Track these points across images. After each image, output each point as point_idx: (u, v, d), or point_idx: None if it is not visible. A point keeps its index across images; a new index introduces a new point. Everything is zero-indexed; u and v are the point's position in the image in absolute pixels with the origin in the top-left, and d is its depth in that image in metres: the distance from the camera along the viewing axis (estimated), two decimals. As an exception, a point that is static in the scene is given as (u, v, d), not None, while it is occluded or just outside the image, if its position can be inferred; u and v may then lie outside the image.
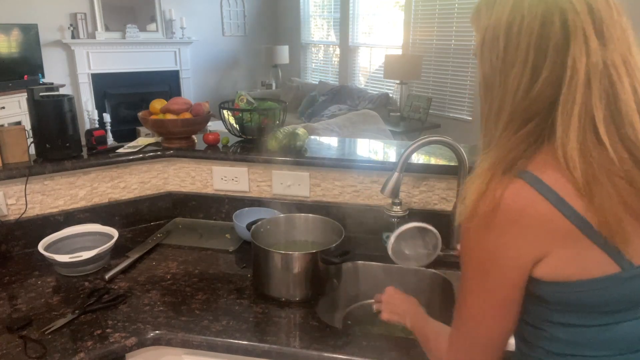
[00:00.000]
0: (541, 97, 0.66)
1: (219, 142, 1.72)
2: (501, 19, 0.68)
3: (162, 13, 6.22)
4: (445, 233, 1.45)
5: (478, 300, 0.70)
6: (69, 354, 1.01)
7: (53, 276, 1.33)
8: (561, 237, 0.64)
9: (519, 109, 0.67)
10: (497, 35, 0.68)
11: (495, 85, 0.70)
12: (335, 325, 1.31)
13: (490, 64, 0.70)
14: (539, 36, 0.65)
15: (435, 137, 1.34)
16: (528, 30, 0.65)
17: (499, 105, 0.69)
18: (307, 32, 6.96)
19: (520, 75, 0.66)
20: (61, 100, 1.48)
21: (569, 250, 0.64)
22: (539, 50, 0.65)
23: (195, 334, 1.09)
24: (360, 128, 3.42)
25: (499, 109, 0.69)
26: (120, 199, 1.63)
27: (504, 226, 0.65)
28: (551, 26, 0.64)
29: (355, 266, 1.44)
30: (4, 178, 1.41)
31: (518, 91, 0.67)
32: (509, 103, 0.68)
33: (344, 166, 1.55)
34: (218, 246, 1.52)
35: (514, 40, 0.67)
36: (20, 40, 5.12)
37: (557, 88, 0.65)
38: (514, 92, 0.67)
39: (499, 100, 0.69)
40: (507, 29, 0.67)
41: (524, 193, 0.64)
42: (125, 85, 6.19)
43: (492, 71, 0.70)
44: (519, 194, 0.64)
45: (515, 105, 0.67)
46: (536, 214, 0.64)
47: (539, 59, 0.65)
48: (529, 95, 0.66)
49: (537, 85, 0.65)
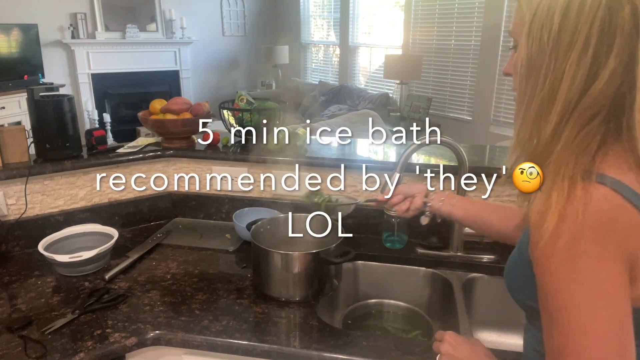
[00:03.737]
0: (606, 92, 0.59)
1: (219, 142, 1.72)
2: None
3: (162, 13, 6.21)
4: (445, 233, 1.45)
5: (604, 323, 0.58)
6: (69, 354, 1.01)
7: (53, 276, 1.33)
8: None
9: (580, 105, 0.60)
10: (552, 13, 0.61)
11: (543, 68, 0.62)
12: (335, 325, 1.31)
13: (540, 44, 0.62)
14: (603, 20, 0.58)
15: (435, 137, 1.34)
16: (591, 11, 0.58)
17: (550, 92, 0.62)
18: (307, 32, 6.95)
19: (578, 63, 0.59)
20: (61, 100, 1.47)
21: None
22: (603, 36, 0.58)
23: (195, 334, 1.09)
24: (360, 128, 3.42)
25: (548, 97, 0.62)
26: (120, 199, 1.63)
27: (599, 240, 0.58)
28: (620, 11, 0.58)
29: (355, 266, 1.44)
30: (4, 178, 1.41)
31: (575, 80, 0.60)
32: (563, 93, 0.60)
33: (344, 166, 1.54)
34: (218, 246, 1.52)
35: (572, 20, 0.59)
36: (20, 40, 5.12)
37: (624, 83, 0.59)
38: (571, 81, 0.60)
39: (550, 86, 0.61)
40: (564, 7, 0.60)
41: (611, 201, 0.58)
42: (125, 85, 6.19)
43: (541, 52, 0.62)
44: (606, 202, 0.58)
45: (572, 96, 0.60)
46: (627, 222, 0.58)
47: (603, 47, 0.58)
48: (591, 90, 0.59)
49: (602, 78, 0.59)
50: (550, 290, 0.61)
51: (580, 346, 0.58)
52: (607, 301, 0.58)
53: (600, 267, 0.58)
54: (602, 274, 0.58)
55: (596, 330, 0.58)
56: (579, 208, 0.57)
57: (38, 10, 5.34)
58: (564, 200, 0.58)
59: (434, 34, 5.02)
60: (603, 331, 0.58)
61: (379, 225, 1.53)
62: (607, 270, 0.58)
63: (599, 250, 0.58)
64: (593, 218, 0.57)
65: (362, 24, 6.04)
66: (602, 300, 0.58)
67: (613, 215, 0.58)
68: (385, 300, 1.43)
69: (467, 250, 1.42)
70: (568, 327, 0.59)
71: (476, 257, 1.41)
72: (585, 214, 0.57)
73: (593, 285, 0.58)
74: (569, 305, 0.59)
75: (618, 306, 0.58)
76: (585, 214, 0.57)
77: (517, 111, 0.68)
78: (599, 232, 0.57)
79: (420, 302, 1.41)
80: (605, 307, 0.58)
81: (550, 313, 0.62)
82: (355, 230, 1.55)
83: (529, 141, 0.65)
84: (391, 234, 1.48)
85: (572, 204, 0.58)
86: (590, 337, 0.58)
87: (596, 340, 0.58)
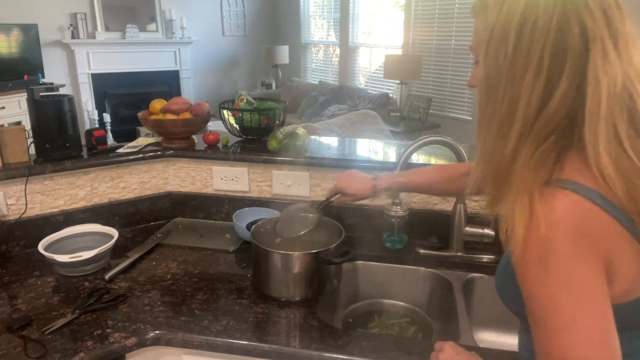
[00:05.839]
0: (560, 111, 0.61)
1: (219, 142, 1.72)
2: (512, 18, 0.62)
3: (162, 13, 6.22)
4: (445, 233, 1.45)
5: (588, 321, 0.59)
6: (69, 354, 1.01)
7: (53, 276, 1.33)
8: (621, 243, 0.60)
9: (537, 124, 0.62)
10: (507, 35, 0.62)
11: (500, 89, 0.64)
12: (335, 325, 1.31)
13: (497, 65, 0.64)
14: (555, 42, 0.59)
15: (435, 137, 1.34)
16: (543, 34, 0.60)
17: (507, 112, 0.63)
18: (307, 32, 6.95)
19: (533, 84, 0.61)
20: (61, 100, 1.47)
21: (627, 258, 0.61)
22: (555, 57, 0.60)
23: (195, 334, 1.09)
24: (360, 128, 3.42)
25: (507, 117, 0.64)
26: (120, 199, 1.63)
27: (570, 244, 0.59)
28: (569, 33, 0.59)
29: (355, 266, 1.44)
30: (4, 178, 1.41)
31: (531, 101, 0.61)
32: (520, 113, 0.62)
33: (344, 166, 1.54)
34: (218, 246, 1.52)
35: (525, 43, 0.61)
36: (20, 40, 5.12)
37: (577, 101, 0.61)
38: (527, 101, 0.62)
39: (507, 107, 0.63)
40: (518, 30, 0.61)
41: (581, 205, 0.59)
42: (125, 85, 6.19)
43: (498, 73, 0.64)
44: (576, 207, 0.59)
45: (528, 116, 0.62)
46: (599, 224, 0.60)
47: (556, 68, 0.60)
48: (546, 110, 0.61)
49: (555, 98, 0.60)
50: (532, 295, 0.62)
51: (565, 346, 0.59)
52: (587, 300, 0.60)
53: (577, 268, 0.59)
54: (579, 275, 0.59)
55: (579, 329, 0.59)
56: (541, 218, 0.59)
57: (38, 10, 5.34)
58: (526, 214, 0.60)
59: (434, 34, 5.02)
60: (586, 329, 0.59)
61: (379, 225, 1.52)
62: (584, 271, 0.59)
63: (575, 253, 0.59)
64: (566, 223, 0.59)
65: (362, 24, 6.04)
66: (583, 300, 0.59)
67: (586, 219, 0.59)
68: (385, 300, 1.43)
69: (467, 250, 1.42)
70: (553, 328, 0.61)
71: (476, 257, 1.41)
72: (551, 222, 0.59)
73: (572, 287, 0.59)
74: (551, 307, 0.61)
75: (599, 305, 0.60)
76: (552, 222, 0.59)
77: (479, 128, 0.70)
78: (574, 236, 0.59)
79: (420, 302, 1.41)
80: (587, 306, 0.59)
81: (535, 316, 0.63)
82: (355, 230, 1.56)
83: (492, 158, 0.67)
84: (391, 234, 1.48)
85: (534, 216, 0.60)
86: (575, 336, 0.59)
87: (581, 339, 0.59)
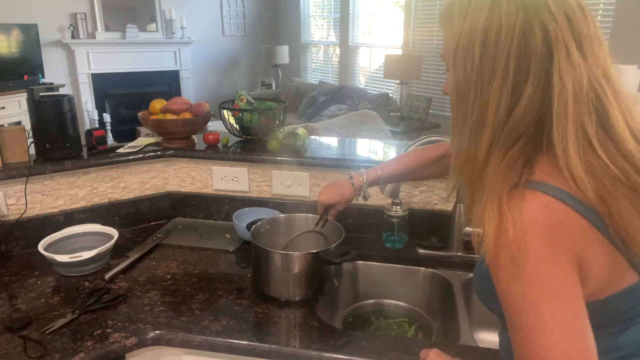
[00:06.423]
0: (528, 115, 0.62)
1: (219, 142, 1.72)
2: (477, 26, 0.63)
3: (162, 13, 6.22)
4: (445, 233, 1.45)
5: (562, 321, 0.60)
6: (69, 354, 1.01)
7: (53, 276, 1.33)
8: (593, 243, 0.61)
9: (506, 128, 0.63)
10: (472, 44, 0.63)
11: (470, 96, 0.65)
12: (335, 325, 1.31)
13: (465, 73, 0.65)
14: (519, 47, 0.61)
15: (435, 137, 1.34)
16: (507, 40, 0.61)
17: (478, 119, 0.65)
18: (307, 32, 6.95)
19: (500, 90, 0.62)
20: (61, 100, 1.47)
21: (599, 257, 0.61)
22: (520, 63, 0.61)
23: (195, 334, 1.09)
24: (360, 128, 3.42)
25: (478, 123, 0.65)
26: (120, 199, 1.63)
27: (542, 245, 0.60)
28: (532, 37, 0.60)
29: (355, 266, 1.44)
30: (4, 178, 1.41)
31: (499, 107, 0.63)
32: (490, 119, 0.64)
33: (344, 166, 1.54)
34: (218, 246, 1.52)
35: (490, 49, 0.62)
36: (20, 40, 5.12)
37: (543, 104, 0.62)
38: (495, 107, 0.63)
39: (477, 113, 0.65)
40: (483, 38, 0.62)
41: (553, 206, 0.60)
42: (125, 85, 6.19)
43: (466, 81, 0.65)
44: (548, 208, 0.60)
45: (498, 122, 0.63)
46: (571, 224, 0.60)
47: (521, 73, 0.61)
48: (514, 114, 0.62)
49: (522, 102, 0.62)
50: (507, 296, 0.63)
51: (541, 345, 0.60)
52: (561, 300, 0.60)
53: (549, 268, 0.60)
54: (552, 275, 0.60)
55: (554, 328, 0.59)
56: (509, 222, 0.60)
57: (38, 10, 5.34)
58: (495, 218, 0.61)
59: (434, 34, 5.02)
60: (561, 329, 0.59)
61: (379, 225, 1.53)
62: (557, 271, 0.60)
63: (546, 254, 0.59)
64: (536, 224, 0.59)
65: (362, 24, 6.04)
66: (556, 299, 0.60)
67: (557, 219, 0.60)
68: (385, 300, 1.43)
69: (467, 250, 1.42)
70: (528, 329, 0.61)
71: (476, 257, 1.40)
72: (519, 225, 0.59)
73: (545, 287, 0.60)
74: (525, 308, 0.61)
75: (573, 304, 0.60)
76: (521, 224, 0.59)
77: (453, 134, 0.71)
78: (545, 237, 0.59)
79: (420, 302, 1.41)
80: (560, 306, 0.60)
81: (510, 317, 0.63)
82: (355, 230, 1.56)
83: (465, 164, 0.69)
84: (391, 234, 1.48)
85: (503, 220, 0.60)
86: (550, 335, 0.59)
87: (556, 338, 0.59)
